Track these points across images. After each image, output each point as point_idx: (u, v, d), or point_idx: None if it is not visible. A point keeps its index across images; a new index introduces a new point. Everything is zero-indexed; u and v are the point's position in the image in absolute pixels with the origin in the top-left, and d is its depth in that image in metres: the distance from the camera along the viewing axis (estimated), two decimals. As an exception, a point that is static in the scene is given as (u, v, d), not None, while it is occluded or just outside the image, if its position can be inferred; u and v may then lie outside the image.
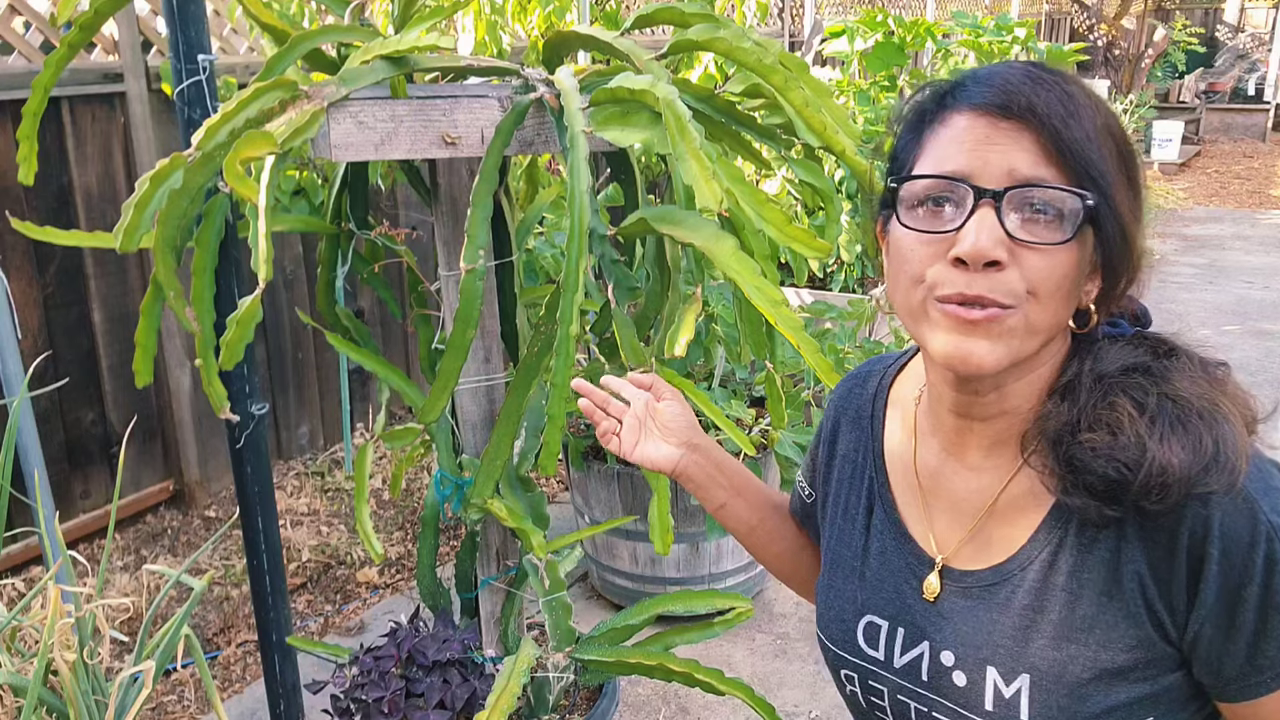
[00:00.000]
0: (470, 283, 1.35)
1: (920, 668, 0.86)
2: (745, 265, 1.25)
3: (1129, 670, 0.77)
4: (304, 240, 3.69)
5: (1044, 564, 0.80)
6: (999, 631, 0.82)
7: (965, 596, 0.85)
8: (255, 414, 1.66)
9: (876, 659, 0.90)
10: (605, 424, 1.07)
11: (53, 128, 2.99)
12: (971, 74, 0.79)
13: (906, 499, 0.92)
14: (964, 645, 0.84)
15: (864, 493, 0.95)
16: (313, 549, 3.27)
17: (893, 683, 0.89)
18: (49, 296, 3.03)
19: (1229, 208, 8.68)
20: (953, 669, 0.84)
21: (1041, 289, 0.74)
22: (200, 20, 1.50)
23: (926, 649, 0.86)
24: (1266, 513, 0.73)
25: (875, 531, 0.93)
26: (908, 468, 0.92)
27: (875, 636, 0.90)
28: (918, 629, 0.87)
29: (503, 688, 1.55)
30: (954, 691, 0.84)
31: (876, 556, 0.92)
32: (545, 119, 1.41)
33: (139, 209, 1.27)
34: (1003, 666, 0.81)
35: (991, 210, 0.74)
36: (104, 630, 1.67)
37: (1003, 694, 0.80)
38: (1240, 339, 5.22)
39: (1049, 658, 0.79)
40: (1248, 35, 14.93)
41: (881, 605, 0.91)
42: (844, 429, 1.00)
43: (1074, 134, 0.73)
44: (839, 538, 0.97)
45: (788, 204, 3.40)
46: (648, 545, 2.74)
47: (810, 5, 6.61)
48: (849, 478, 0.98)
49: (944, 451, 0.88)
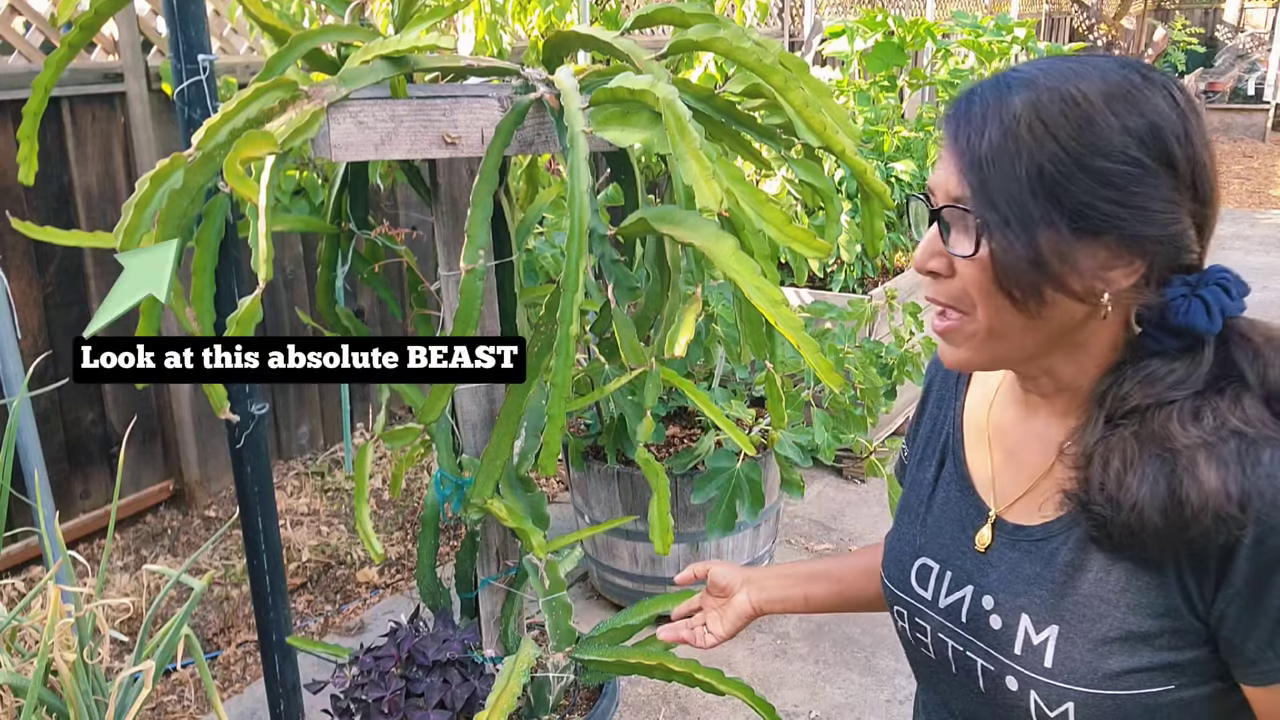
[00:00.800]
0: (470, 283, 1.35)
1: (961, 609, 0.92)
2: (745, 265, 1.25)
3: (1154, 636, 0.80)
4: (304, 240, 3.69)
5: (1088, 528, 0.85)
6: (1039, 583, 0.86)
7: (1013, 548, 0.90)
8: (255, 414, 1.66)
9: (924, 598, 0.96)
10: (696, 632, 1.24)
11: (53, 128, 2.99)
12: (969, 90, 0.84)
13: (977, 454, 0.97)
14: (1004, 592, 0.88)
15: (940, 446, 1.02)
16: (313, 549, 3.27)
17: (935, 621, 0.94)
18: (49, 296, 3.03)
19: (1229, 207, 8.67)
20: (990, 612, 0.89)
21: (972, 294, 0.81)
22: (200, 20, 1.50)
23: (970, 592, 0.91)
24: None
25: (943, 482, 1.00)
26: (981, 425, 0.98)
27: (926, 577, 0.96)
28: (965, 573, 0.93)
29: (503, 688, 1.55)
30: (988, 633, 0.89)
31: (940, 505, 0.98)
32: (545, 119, 1.41)
33: (139, 209, 1.27)
34: (1035, 615, 0.85)
35: (937, 225, 0.82)
36: (104, 630, 1.67)
37: (1031, 640, 0.85)
38: (1240, 339, 5.21)
39: (1079, 613, 0.83)
40: (1247, 35, 14.93)
41: (936, 549, 0.97)
42: (934, 389, 1.07)
43: (974, 153, 0.78)
44: (911, 487, 1.04)
45: (788, 204, 3.40)
46: (648, 545, 2.74)
47: (810, 5, 6.60)
48: (930, 433, 1.04)
49: (1019, 413, 0.94)
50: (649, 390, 1.56)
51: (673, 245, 1.53)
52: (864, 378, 2.94)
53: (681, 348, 1.50)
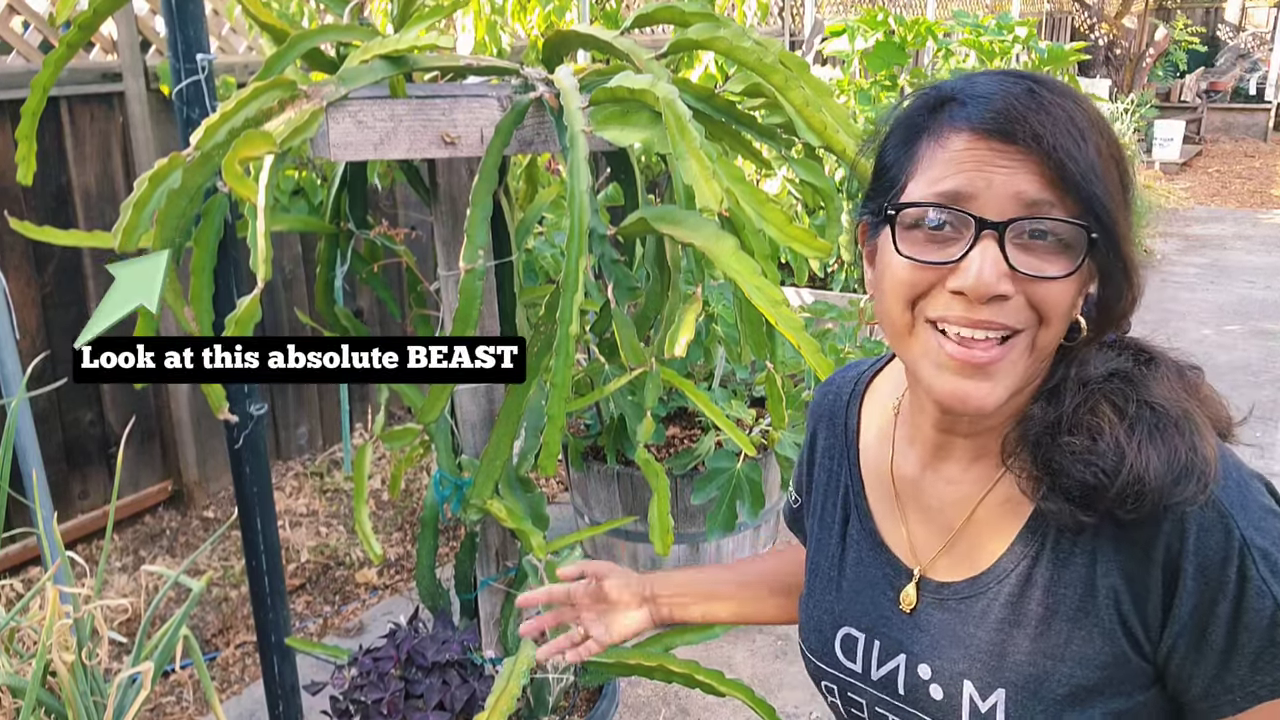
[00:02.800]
0: (469, 282, 1.35)
1: (897, 680, 0.86)
2: (745, 265, 1.25)
3: (1104, 686, 0.76)
4: (303, 240, 3.69)
5: (1020, 577, 0.79)
6: (975, 645, 0.81)
7: (941, 609, 0.84)
8: (254, 414, 1.65)
9: (854, 671, 0.89)
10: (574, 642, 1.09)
11: (51, 127, 2.99)
12: (969, 85, 0.75)
13: (883, 508, 0.90)
14: (940, 658, 0.83)
15: (839, 501, 0.94)
16: (312, 550, 3.27)
17: (871, 695, 0.88)
18: (47, 296, 3.02)
19: (1230, 207, 8.67)
20: (930, 682, 0.83)
21: (1050, 315, 0.73)
22: (199, 19, 1.49)
23: (903, 661, 0.85)
24: (1242, 528, 0.72)
25: (851, 541, 0.92)
26: (884, 476, 0.91)
27: (853, 648, 0.90)
28: (895, 641, 0.86)
29: (502, 689, 1.55)
30: (931, 705, 0.83)
31: (853, 567, 0.91)
32: (545, 118, 1.41)
33: (138, 209, 1.26)
34: (979, 681, 0.80)
35: (994, 242, 0.72)
36: (102, 631, 1.66)
37: (979, 708, 0.80)
38: (1242, 339, 5.21)
39: (1025, 673, 0.78)
40: (1249, 34, 14.93)
41: (858, 616, 0.90)
42: (821, 436, 0.99)
43: (1079, 166, 0.71)
44: (817, 547, 0.96)
45: (788, 203, 3.39)
46: (648, 546, 2.74)
47: (810, 4, 6.60)
48: (825, 485, 0.97)
49: (923, 462, 0.87)
50: (649, 390, 1.56)
51: (673, 245, 1.53)
52: (864, 378, 2.93)
53: (681, 348, 1.50)
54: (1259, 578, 0.71)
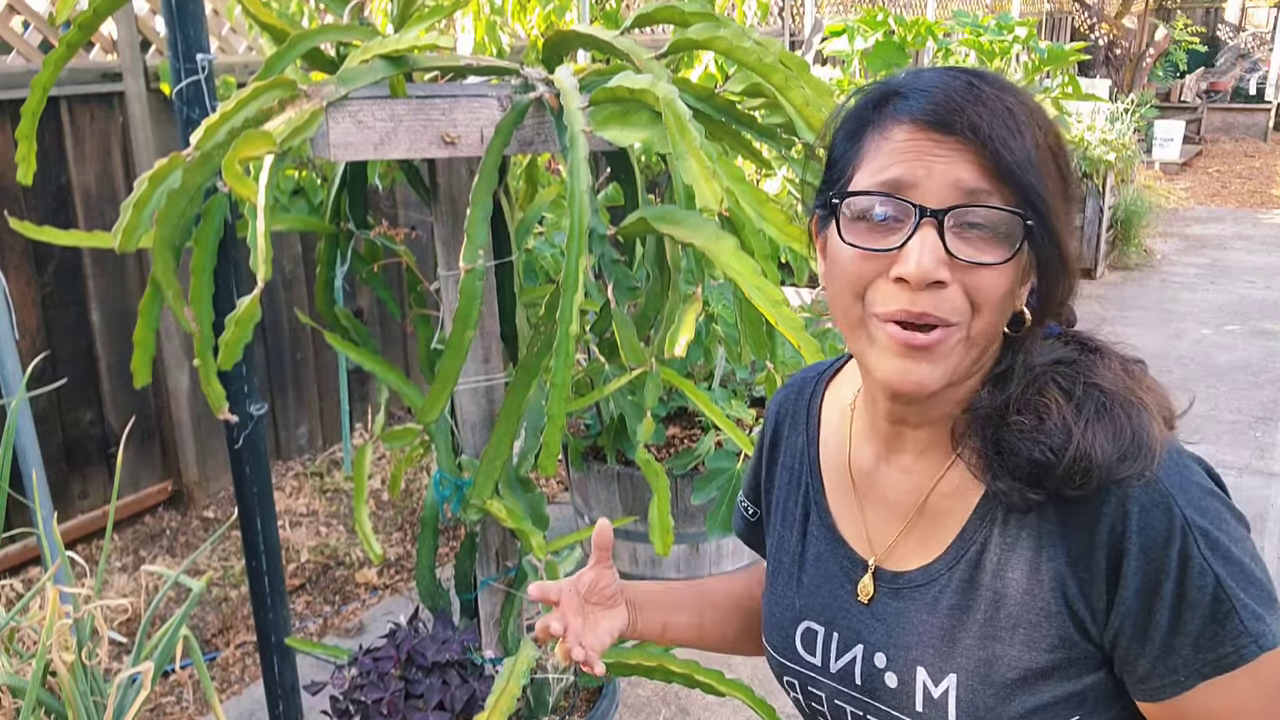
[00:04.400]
0: (469, 282, 1.35)
1: (854, 671, 0.87)
2: (745, 265, 1.25)
3: (1052, 670, 0.77)
4: (303, 240, 3.69)
5: (970, 564, 0.81)
6: (928, 632, 0.83)
7: (897, 598, 0.86)
8: (254, 414, 1.65)
9: (814, 665, 0.91)
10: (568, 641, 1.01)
11: (51, 127, 2.99)
12: (913, 79, 0.78)
13: (841, 503, 0.92)
14: (895, 646, 0.85)
15: (800, 499, 0.96)
16: (312, 550, 3.27)
17: (830, 688, 0.90)
18: (47, 296, 3.02)
19: (1230, 207, 8.67)
20: (885, 670, 0.85)
21: (984, 304, 0.75)
22: (199, 19, 1.49)
23: (860, 652, 0.87)
24: (1182, 508, 0.74)
25: (811, 537, 0.94)
26: (843, 471, 0.92)
27: (812, 642, 0.91)
28: (852, 632, 0.88)
29: (502, 689, 1.55)
30: (886, 694, 0.85)
31: (813, 562, 0.93)
32: (545, 118, 1.41)
33: (137, 208, 1.26)
34: (931, 667, 0.82)
35: (933, 229, 0.74)
36: (102, 631, 1.66)
37: (931, 694, 0.82)
38: (1242, 339, 5.21)
39: (975, 657, 0.80)
40: (1249, 34, 14.93)
41: (818, 610, 0.91)
42: (784, 436, 1.00)
43: (1015, 156, 0.73)
44: (779, 544, 0.98)
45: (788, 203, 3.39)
46: (648, 546, 2.74)
47: (810, 4, 6.60)
48: (788, 485, 0.98)
49: (878, 455, 0.89)
50: (649, 390, 1.56)
51: (673, 245, 1.53)
52: (864, 378, 2.93)
53: (681, 348, 1.50)
54: (1200, 556, 0.73)
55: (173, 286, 1.38)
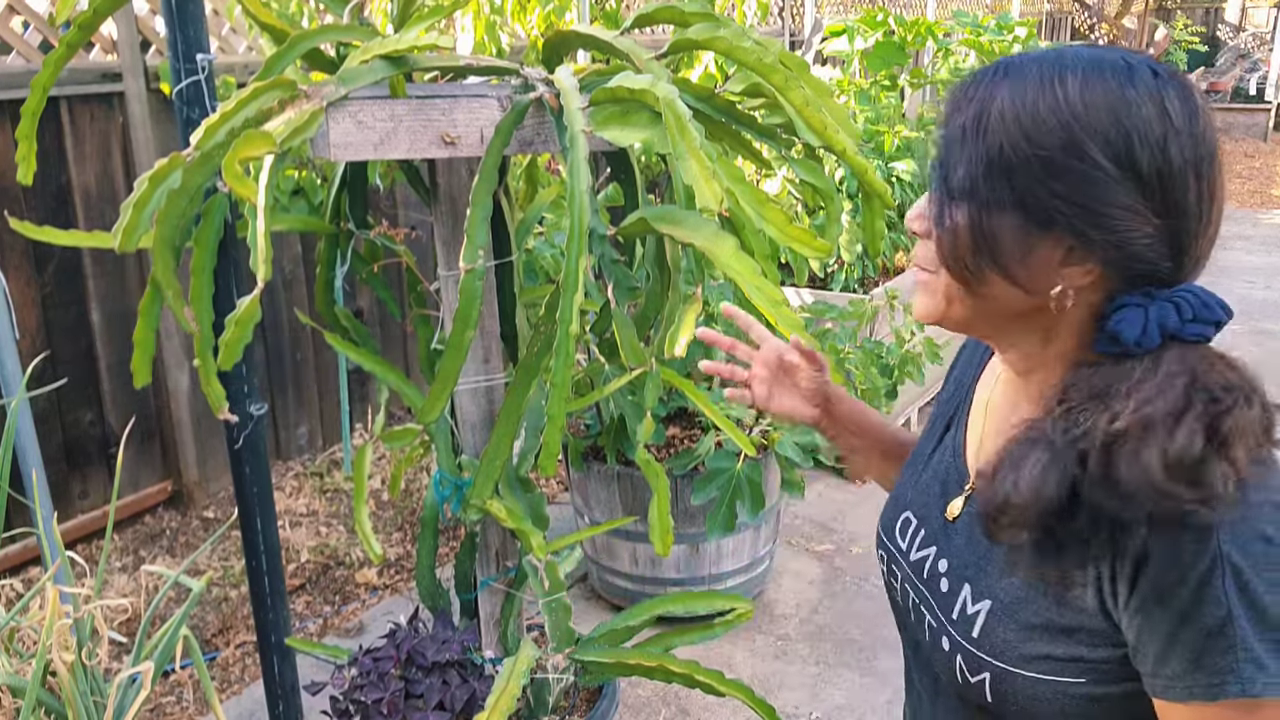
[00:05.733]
0: (469, 283, 1.35)
1: (924, 566, 0.98)
2: (745, 265, 1.25)
3: (1073, 630, 0.82)
4: (303, 240, 3.69)
5: None
6: (988, 559, 0.90)
7: (975, 522, 0.92)
8: (254, 414, 1.65)
9: (901, 548, 1.02)
10: (735, 374, 1.21)
11: (51, 127, 2.99)
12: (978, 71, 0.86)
13: (975, 428, 1.01)
14: (957, 559, 0.94)
15: (951, 412, 1.06)
16: (312, 550, 3.27)
17: (905, 572, 1.01)
18: (47, 296, 3.02)
19: (1230, 207, 8.62)
20: (943, 575, 0.95)
21: (938, 259, 0.85)
22: (199, 19, 1.49)
23: (933, 553, 0.97)
24: (1223, 541, 0.74)
25: (943, 446, 1.04)
26: (984, 399, 1.01)
27: (906, 530, 1.02)
28: (934, 534, 0.98)
29: (502, 689, 1.54)
30: (938, 594, 0.95)
31: (934, 466, 1.04)
32: (545, 118, 1.41)
33: (137, 209, 1.26)
34: (975, 586, 0.90)
35: (934, 195, 0.85)
36: (102, 631, 1.66)
37: (967, 609, 0.90)
38: (1242, 339, 5.21)
39: (1012, 594, 0.87)
40: (1249, 34, 14.92)
41: (919, 506, 1.02)
42: (961, 359, 1.11)
43: (953, 153, 0.81)
44: (924, 438, 1.09)
45: (788, 204, 3.39)
46: (648, 546, 2.74)
47: (810, 4, 6.59)
48: (947, 400, 1.09)
49: (1006, 398, 0.96)
50: (649, 391, 1.56)
51: (673, 245, 1.53)
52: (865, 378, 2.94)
53: (681, 348, 1.50)
54: (1221, 588, 0.73)
55: (173, 286, 1.38)
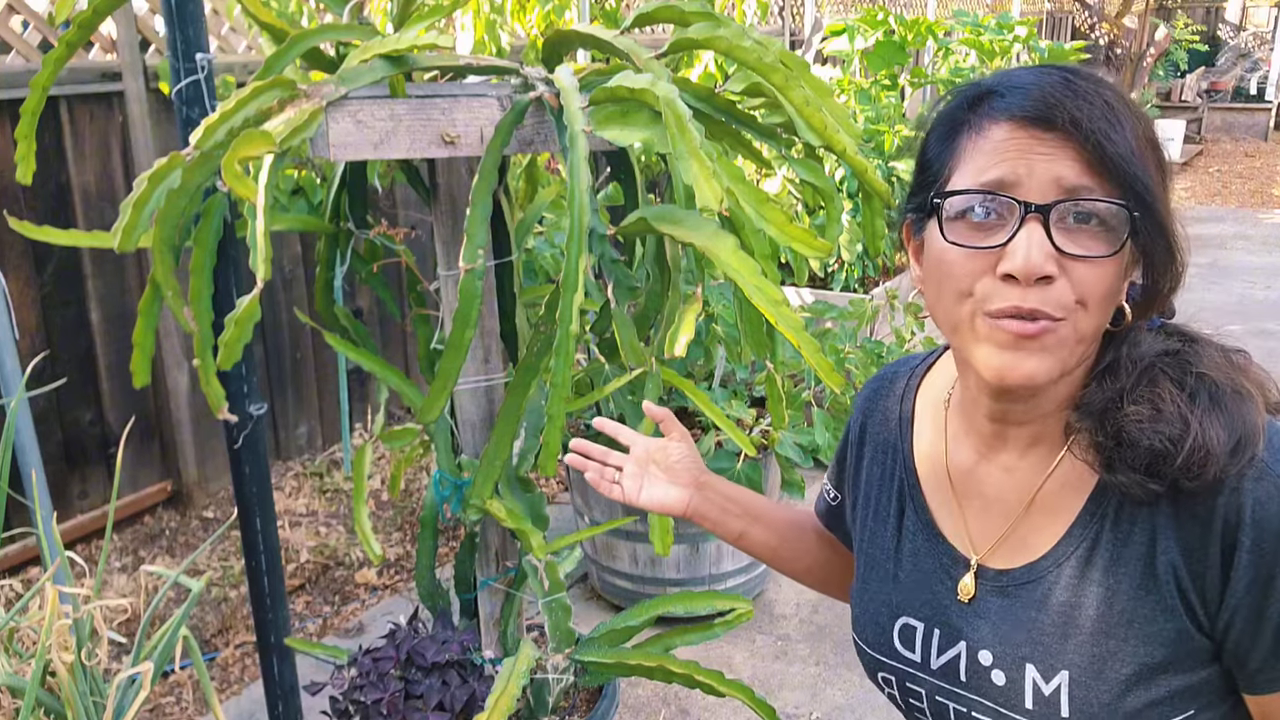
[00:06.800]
0: (469, 282, 1.35)
1: (958, 668, 0.87)
2: (745, 265, 1.25)
3: (1168, 664, 0.77)
4: (302, 240, 3.68)
5: (1080, 559, 0.81)
6: (1037, 629, 0.82)
7: (1001, 595, 0.86)
8: (253, 414, 1.65)
9: (913, 660, 0.91)
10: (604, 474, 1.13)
11: (51, 127, 2.98)
12: (1006, 80, 0.78)
13: (938, 500, 0.93)
14: (1002, 644, 0.84)
15: (894, 494, 0.96)
16: (311, 550, 3.26)
17: (930, 684, 0.90)
18: (47, 296, 3.02)
19: (1231, 207, 8.66)
20: (991, 668, 0.85)
21: (1090, 299, 0.75)
22: (198, 19, 1.49)
23: (964, 649, 0.87)
24: None
25: (907, 533, 0.94)
26: (939, 468, 0.93)
27: (911, 638, 0.91)
28: (954, 629, 0.88)
29: (502, 689, 1.54)
30: (993, 690, 0.84)
31: (909, 558, 0.93)
32: (545, 118, 1.41)
33: (137, 208, 1.26)
34: (1041, 664, 0.81)
35: (1039, 224, 0.74)
36: (102, 631, 1.66)
37: (1042, 691, 0.81)
38: (1243, 339, 5.16)
39: (1088, 654, 0.79)
40: (1250, 34, 14.92)
41: (916, 607, 0.92)
42: (871, 431, 1.01)
43: (1118, 148, 0.74)
44: (871, 540, 0.98)
45: (788, 203, 3.39)
46: (648, 546, 2.73)
47: (810, 3, 6.59)
48: (879, 479, 0.99)
49: (977, 453, 0.89)
50: (649, 390, 1.56)
51: (673, 245, 1.53)
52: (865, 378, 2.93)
53: (681, 348, 1.50)
54: None
55: (172, 286, 1.38)
